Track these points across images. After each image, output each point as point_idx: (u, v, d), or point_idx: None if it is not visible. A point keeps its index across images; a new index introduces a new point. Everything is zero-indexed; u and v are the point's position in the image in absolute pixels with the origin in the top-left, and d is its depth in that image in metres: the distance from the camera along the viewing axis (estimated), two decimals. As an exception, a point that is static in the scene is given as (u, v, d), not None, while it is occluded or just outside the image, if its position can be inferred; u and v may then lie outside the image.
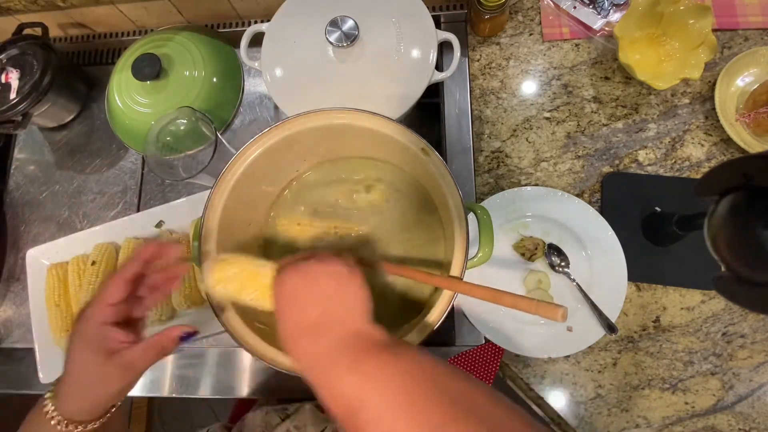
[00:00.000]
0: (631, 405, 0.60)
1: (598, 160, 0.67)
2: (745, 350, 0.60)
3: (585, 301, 0.60)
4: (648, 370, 0.61)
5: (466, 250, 0.45)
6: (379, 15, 0.63)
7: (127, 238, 0.68)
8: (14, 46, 0.73)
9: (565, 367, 0.62)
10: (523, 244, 0.63)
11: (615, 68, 0.69)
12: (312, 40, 0.63)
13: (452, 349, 0.63)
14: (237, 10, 0.78)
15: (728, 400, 0.59)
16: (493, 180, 0.68)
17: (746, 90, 0.66)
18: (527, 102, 0.70)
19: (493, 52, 0.73)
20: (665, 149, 0.66)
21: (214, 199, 0.50)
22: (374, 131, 0.51)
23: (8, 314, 0.75)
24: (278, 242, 0.58)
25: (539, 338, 0.61)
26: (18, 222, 0.78)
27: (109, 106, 0.75)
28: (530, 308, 0.36)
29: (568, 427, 0.61)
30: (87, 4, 0.76)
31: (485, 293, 0.40)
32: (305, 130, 0.52)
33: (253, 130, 0.75)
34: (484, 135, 0.70)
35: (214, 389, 0.66)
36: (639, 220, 0.64)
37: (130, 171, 0.78)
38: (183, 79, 0.70)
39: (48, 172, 0.80)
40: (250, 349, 0.46)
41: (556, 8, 0.72)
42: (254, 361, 0.67)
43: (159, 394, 0.67)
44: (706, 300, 0.61)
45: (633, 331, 0.62)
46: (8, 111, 0.69)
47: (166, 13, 0.79)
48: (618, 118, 0.68)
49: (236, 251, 0.54)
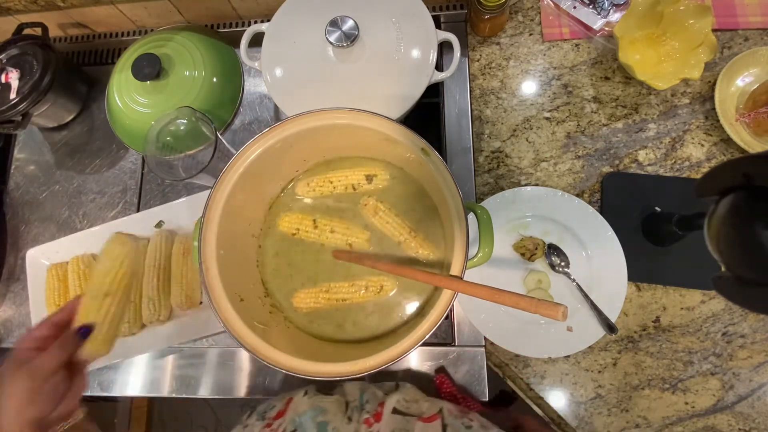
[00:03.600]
0: (631, 405, 0.60)
1: (598, 160, 0.67)
2: (745, 350, 0.60)
3: (585, 301, 0.60)
4: (648, 370, 0.61)
5: (466, 250, 0.45)
6: (379, 15, 0.63)
7: None
8: (14, 46, 0.73)
9: (565, 367, 0.62)
10: (523, 244, 0.63)
11: (615, 68, 0.69)
12: (312, 40, 0.63)
13: (452, 350, 0.63)
14: (237, 10, 0.78)
15: (728, 400, 0.59)
16: (493, 180, 0.68)
17: (746, 90, 0.65)
18: (527, 102, 0.70)
19: (493, 52, 0.73)
20: (665, 149, 0.66)
21: (214, 199, 0.50)
22: (374, 131, 0.51)
23: (8, 314, 0.75)
24: (278, 242, 0.58)
25: (539, 338, 0.61)
26: (18, 222, 0.78)
27: (109, 106, 0.75)
28: (530, 307, 0.36)
29: (568, 427, 0.61)
30: (87, 4, 0.76)
31: (486, 292, 0.40)
32: (305, 130, 0.52)
33: (253, 130, 0.76)
34: (484, 135, 0.70)
35: (214, 389, 0.66)
36: (639, 220, 0.64)
37: (130, 171, 0.78)
38: (183, 79, 0.70)
39: (48, 172, 0.80)
40: (250, 349, 0.46)
41: (556, 8, 0.72)
42: (254, 361, 0.67)
43: (159, 394, 0.67)
44: (706, 300, 0.61)
45: (633, 331, 0.62)
46: (8, 111, 0.69)
47: (166, 13, 0.79)
48: (618, 118, 0.68)
49: (236, 251, 0.54)
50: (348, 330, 0.54)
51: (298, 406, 0.48)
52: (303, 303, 0.56)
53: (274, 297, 0.57)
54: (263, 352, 0.46)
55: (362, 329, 0.54)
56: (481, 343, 0.63)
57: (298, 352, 0.47)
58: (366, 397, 0.50)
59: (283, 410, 0.49)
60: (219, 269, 0.49)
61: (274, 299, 0.57)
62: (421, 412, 0.47)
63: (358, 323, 0.54)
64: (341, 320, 0.55)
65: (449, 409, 0.48)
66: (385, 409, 0.46)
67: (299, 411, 0.47)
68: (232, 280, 0.50)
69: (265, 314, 0.54)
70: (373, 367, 0.44)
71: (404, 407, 0.47)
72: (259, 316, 0.52)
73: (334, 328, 0.55)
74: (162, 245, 0.66)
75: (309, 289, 0.56)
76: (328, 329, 0.55)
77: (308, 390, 0.53)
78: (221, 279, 0.49)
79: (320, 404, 0.48)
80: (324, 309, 0.55)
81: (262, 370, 0.66)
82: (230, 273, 0.51)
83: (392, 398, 0.48)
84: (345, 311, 0.55)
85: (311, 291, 0.56)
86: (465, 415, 0.48)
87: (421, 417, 0.46)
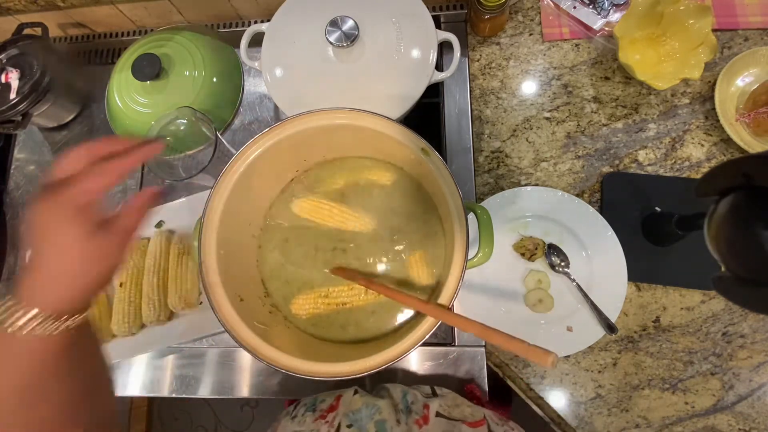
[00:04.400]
0: (631, 405, 0.60)
1: (598, 160, 0.67)
2: (745, 350, 0.60)
3: (585, 301, 0.60)
4: (648, 370, 0.61)
5: (466, 250, 0.45)
6: (379, 15, 0.63)
7: None
8: (14, 46, 0.73)
9: (565, 367, 0.62)
10: (523, 244, 0.63)
11: (615, 68, 0.69)
12: (312, 40, 0.63)
13: (452, 349, 0.63)
14: (237, 10, 0.78)
15: (728, 400, 0.59)
16: (493, 180, 0.68)
17: (746, 90, 0.66)
18: (527, 102, 0.70)
19: (493, 52, 0.73)
20: (665, 149, 0.66)
21: (214, 199, 0.50)
22: (374, 131, 0.51)
23: (8, 314, 0.74)
24: (277, 242, 0.58)
25: (539, 338, 0.60)
26: (18, 222, 0.78)
27: (109, 106, 0.75)
28: (521, 351, 0.35)
29: (568, 427, 0.61)
30: (87, 4, 0.76)
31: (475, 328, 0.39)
32: (305, 130, 0.52)
33: (253, 130, 0.76)
34: (484, 135, 0.70)
35: (214, 389, 0.66)
36: (639, 220, 0.64)
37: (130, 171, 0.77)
38: (183, 79, 0.70)
39: (48, 172, 0.80)
40: (250, 349, 0.46)
41: (556, 8, 0.72)
42: (254, 361, 0.67)
43: (159, 394, 0.67)
44: (706, 300, 0.61)
45: (633, 331, 0.62)
46: (8, 111, 0.69)
47: (166, 13, 0.79)
48: (618, 118, 0.68)
49: (236, 251, 0.54)
50: (350, 331, 0.54)
51: (351, 404, 0.48)
52: (302, 309, 0.56)
53: (273, 297, 0.57)
54: (263, 352, 0.46)
55: (364, 330, 0.54)
56: (481, 343, 0.63)
57: (299, 352, 0.47)
58: (410, 399, 0.50)
59: (334, 405, 0.49)
60: (219, 269, 0.49)
61: (274, 299, 0.57)
62: (464, 416, 0.48)
63: (360, 324, 0.54)
64: (344, 322, 0.55)
65: (490, 415, 0.48)
66: (430, 412, 0.46)
67: (353, 407, 0.47)
68: (232, 280, 0.50)
69: (265, 314, 0.54)
70: (374, 367, 0.44)
71: (447, 411, 0.47)
72: (259, 316, 0.52)
73: (337, 330, 0.55)
74: (162, 245, 0.66)
75: (307, 294, 0.56)
76: (330, 331, 0.55)
77: (358, 389, 0.53)
78: (221, 279, 0.49)
79: (375, 403, 0.48)
80: (324, 314, 0.55)
81: (262, 370, 0.66)
82: (230, 273, 0.51)
83: (435, 402, 0.48)
84: (347, 314, 0.55)
85: (309, 296, 0.56)
86: (506, 423, 0.48)
87: (466, 421, 0.46)
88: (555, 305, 0.62)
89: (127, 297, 0.64)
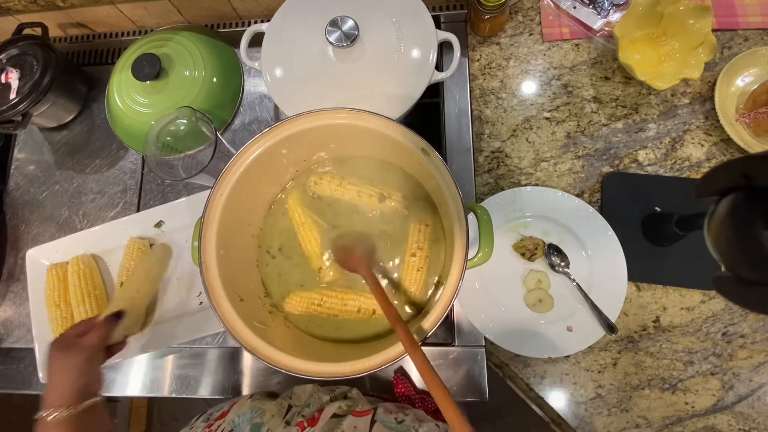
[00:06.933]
0: (631, 405, 0.60)
1: (598, 160, 0.67)
2: (745, 350, 0.60)
3: (585, 301, 0.60)
4: (648, 370, 0.61)
5: (466, 250, 0.45)
6: (379, 15, 0.63)
7: (132, 238, 0.68)
8: (14, 46, 0.73)
9: (565, 367, 0.62)
10: (523, 244, 0.63)
11: (615, 68, 0.69)
12: (312, 40, 0.63)
13: (452, 349, 0.63)
14: (237, 10, 0.78)
15: (728, 400, 0.59)
16: (493, 180, 0.68)
17: (746, 90, 0.65)
18: (527, 102, 0.70)
19: (493, 52, 0.73)
20: (665, 149, 0.66)
21: (214, 198, 0.50)
22: (374, 131, 0.51)
23: (8, 314, 0.75)
24: (277, 242, 0.58)
25: (539, 338, 0.61)
26: (18, 222, 0.78)
27: (109, 106, 0.75)
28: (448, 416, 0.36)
29: (568, 427, 0.61)
30: (87, 4, 0.76)
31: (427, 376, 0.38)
32: (305, 130, 0.52)
33: (253, 130, 0.76)
34: (484, 135, 0.70)
35: (214, 389, 0.66)
36: (639, 220, 0.64)
37: (130, 171, 0.78)
38: (183, 79, 0.70)
39: (48, 172, 0.80)
40: (250, 349, 0.46)
41: (556, 8, 0.72)
42: (254, 361, 0.67)
43: (159, 394, 0.67)
44: (706, 300, 0.61)
45: (633, 331, 0.62)
46: (8, 111, 0.69)
47: (166, 13, 0.79)
48: (618, 118, 0.68)
49: (236, 251, 0.54)
50: (344, 333, 0.55)
51: (240, 408, 0.49)
52: (295, 308, 0.56)
53: (273, 297, 0.57)
54: (263, 352, 0.46)
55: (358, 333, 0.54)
56: (481, 343, 0.63)
57: (299, 352, 0.47)
58: (309, 401, 0.50)
59: (226, 411, 0.49)
60: (219, 269, 0.49)
61: (274, 299, 0.57)
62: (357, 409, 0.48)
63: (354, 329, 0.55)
64: (338, 325, 0.55)
65: (386, 407, 0.48)
66: (323, 414, 0.46)
67: (239, 412, 0.48)
68: (232, 280, 0.50)
69: (265, 314, 0.54)
70: (373, 367, 0.44)
71: (343, 411, 0.47)
72: (259, 316, 0.52)
73: (333, 330, 0.55)
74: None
75: (302, 293, 0.56)
76: (326, 330, 0.55)
77: (255, 394, 0.54)
78: (221, 279, 0.49)
79: (260, 406, 0.48)
80: (318, 317, 0.55)
81: (262, 370, 0.66)
82: (230, 273, 0.51)
83: (334, 405, 0.48)
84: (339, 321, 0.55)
85: (303, 296, 0.56)
86: (401, 410, 0.48)
87: (354, 411, 0.47)
88: (555, 305, 0.62)
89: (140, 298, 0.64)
